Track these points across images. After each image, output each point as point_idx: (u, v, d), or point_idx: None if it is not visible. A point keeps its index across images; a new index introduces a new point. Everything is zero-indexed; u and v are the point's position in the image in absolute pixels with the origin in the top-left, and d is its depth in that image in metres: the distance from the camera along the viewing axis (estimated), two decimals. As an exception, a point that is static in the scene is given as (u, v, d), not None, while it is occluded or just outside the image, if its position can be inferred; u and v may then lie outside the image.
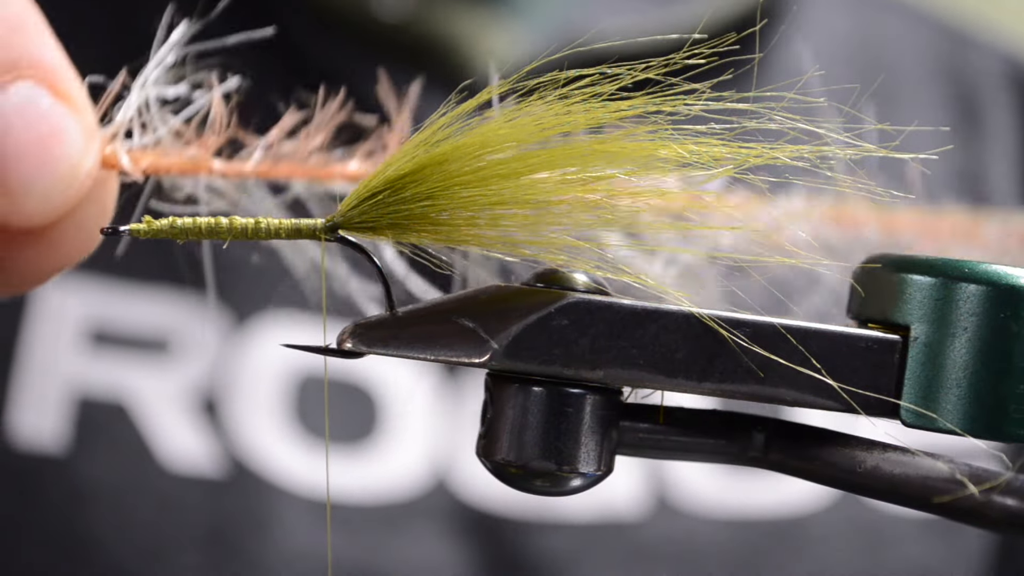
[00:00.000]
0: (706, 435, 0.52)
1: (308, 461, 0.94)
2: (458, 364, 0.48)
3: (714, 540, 0.98)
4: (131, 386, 0.94)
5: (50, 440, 0.93)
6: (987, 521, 0.47)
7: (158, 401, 0.94)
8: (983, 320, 0.48)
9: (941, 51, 1.16)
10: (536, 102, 0.49)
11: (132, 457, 0.93)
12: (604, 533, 0.97)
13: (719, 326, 0.48)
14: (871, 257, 0.51)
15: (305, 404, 0.96)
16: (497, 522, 0.96)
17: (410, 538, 0.95)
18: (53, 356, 0.94)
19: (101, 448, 0.93)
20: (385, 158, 0.53)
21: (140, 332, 0.95)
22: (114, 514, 0.92)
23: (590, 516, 0.97)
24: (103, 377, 0.94)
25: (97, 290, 0.95)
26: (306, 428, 0.95)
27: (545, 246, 0.50)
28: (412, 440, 0.96)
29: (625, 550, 0.97)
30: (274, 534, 0.92)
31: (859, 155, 0.49)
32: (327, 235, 0.51)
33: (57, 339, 0.94)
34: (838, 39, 1.13)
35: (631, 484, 0.98)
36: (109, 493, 0.92)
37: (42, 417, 0.93)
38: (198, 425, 0.94)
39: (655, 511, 0.98)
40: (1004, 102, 1.15)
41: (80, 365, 0.94)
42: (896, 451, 0.49)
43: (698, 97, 0.49)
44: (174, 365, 0.95)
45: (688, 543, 0.98)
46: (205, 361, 0.95)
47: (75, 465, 0.92)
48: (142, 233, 0.51)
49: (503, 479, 0.50)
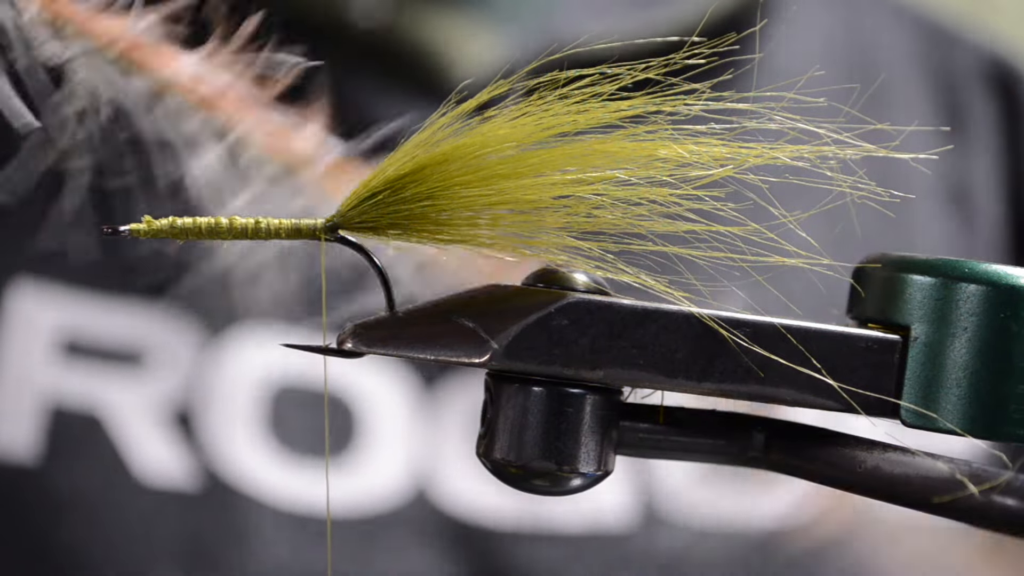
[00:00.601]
0: (706, 435, 0.52)
1: (285, 474, 0.93)
2: (458, 364, 0.48)
3: (703, 552, 0.98)
4: (105, 398, 0.93)
5: (23, 451, 0.92)
6: (987, 521, 0.47)
7: (132, 413, 0.93)
8: (983, 320, 0.48)
9: (926, 49, 1.15)
10: (535, 102, 0.49)
11: (106, 470, 0.92)
12: (591, 544, 0.96)
13: (719, 326, 0.48)
14: (871, 257, 0.51)
15: (280, 416, 0.95)
16: (482, 533, 0.95)
17: (392, 550, 0.94)
18: (27, 366, 0.93)
19: (75, 460, 0.92)
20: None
21: (114, 344, 0.94)
22: (89, 527, 0.91)
23: (577, 527, 0.96)
24: (77, 388, 0.93)
25: (71, 301, 0.94)
26: (282, 440, 0.94)
27: (545, 246, 0.50)
28: (391, 451, 0.96)
29: (612, 561, 0.97)
30: (252, 547, 0.92)
31: (857, 155, 0.49)
32: (327, 235, 0.51)
33: (30, 349, 0.93)
34: (824, 37, 1.13)
35: (619, 494, 0.97)
36: (84, 506, 0.92)
37: (15, 427, 0.92)
38: (172, 438, 0.93)
39: (643, 522, 0.97)
40: (988, 101, 1.15)
41: (53, 376, 0.93)
42: (896, 451, 0.49)
43: (697, 97, 0.49)
44: (148, 377, 0.94)
45: (676, 555, 0.97)
46: (179, 373, 0.94)
47: (49, 477, 0.92)
48: (142, 233, 0.51)
49: (503, 479, 0.50)
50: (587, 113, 0.49)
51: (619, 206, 0.49)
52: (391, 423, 0.96)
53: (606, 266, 0.49)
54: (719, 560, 0.98)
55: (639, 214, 0.49)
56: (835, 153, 0.49)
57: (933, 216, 1.09)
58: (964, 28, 1.19)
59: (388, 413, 0.96)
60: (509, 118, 0.49)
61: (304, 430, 0.95)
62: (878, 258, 0.51)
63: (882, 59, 1.13)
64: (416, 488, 0.95)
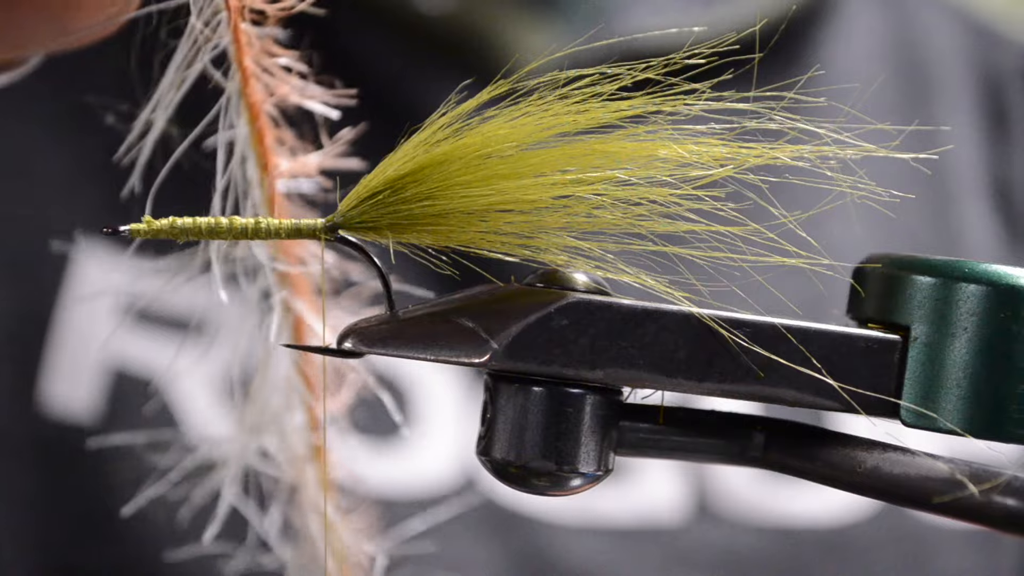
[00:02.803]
0: (706, 435, 0.52)
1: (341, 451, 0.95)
2: (458, 364, 0.48)
3: (755, 548, 0.97)
4: (165, 364, 0.94)
5: (82, 410, 0.93)
6: (987, 521, 0.47)
7: (190, 382, 0.94)
8: (983, 320, 0.48)
9: (973, 47, 1.16)
10: (536, 102, 0.49)
11: (161, 435, 0.93)
12: (643, 538, 0.96)
13: (719, 326, 0.48)
14: (871, 257, 0.51)
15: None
16: (529, 523, 0.95)
17: (438, 535, 0.95)
18: (91, 327, 0.94)
19: (132, 423, 0.93)
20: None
21: (178, 312, 0.95)
22: (141, 490, 0.93)
23: (629, 521, 0.97)
24: (138, 353, 0.94)
25: (138, 265, 0.95)
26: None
27: (545, 246, 0.50)
28: (442, 437, 0.96)
29: (663, 556, 0.97)
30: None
31: (857, 155, 0.49)
32: (327, 235, 0.51)
33: (96, 310, 0.94)
34: (878, 35, 1.13)
35: (672, 489, 0.97)
36: (137, 469, 0.92)
37: (76, 386, 0.94)
38: (228, 407, 0.94)
39: (695, 517, 0.97)
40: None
41: (116, 339, 0.94)
42: (896, 451, 0.49)
43: (698, 97, 0.49)
44: (209, 347, 0.95)
45: (728, 551, 0.97)
46: (239, 344, 0.95)
47: (105, 438, 0.93)
48: (142, 233, 0.51)
49: (503, 478, 0.50)
50: (588, 113, 0.49)
51: (619, 206, 0.49)
52: (443, 409, 0.97)
53: (606, 266, 0.49)
54: (772, 557, 0.98)
55: (639, 214, 0.49)
56: (837, 153, 0.49)
57: (978, 215, 1.10)
58: (1010, 28, 1.20)
59: (441, 399, 0.96)
60: (509, 118, 0.49)
61: (359, 407, 0.96)
62: (878, 258, 0.51)
63: (931, 57, 1.14)
64: (465, 475, 0.96)
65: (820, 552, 0.98)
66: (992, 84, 1.14)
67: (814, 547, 0.98)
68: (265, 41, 0.52)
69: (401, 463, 0.96)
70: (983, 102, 1.14)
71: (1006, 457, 0.48)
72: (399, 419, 0.95)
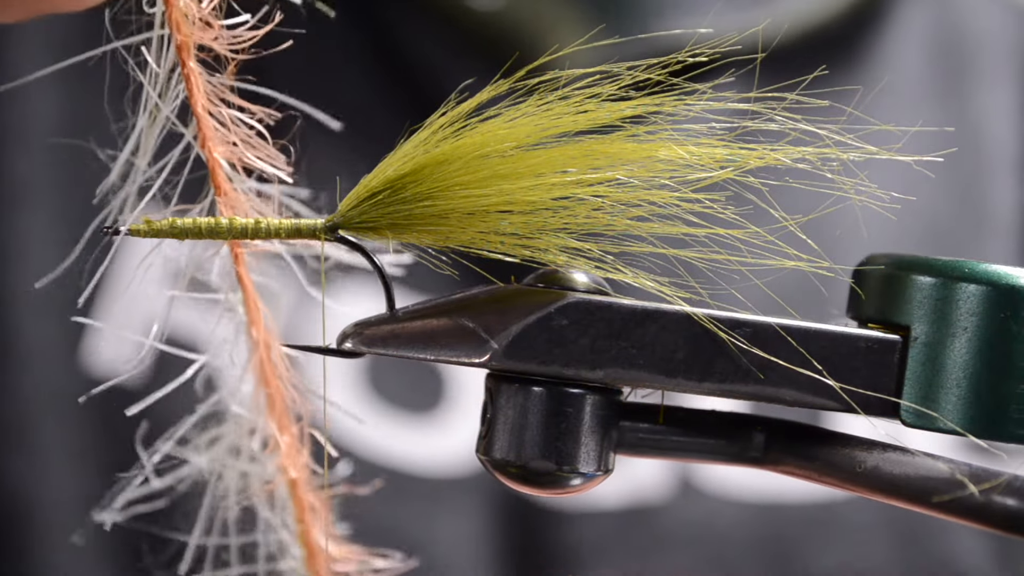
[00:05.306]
0: (706, 435, 0.52)
1: (379, 427, 0.96)
2: (458, 364, 0.48)
3: (740, 524, 0.98)
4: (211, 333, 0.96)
5: (128, 372, 0.95)
6: (987, 521, 0.47)
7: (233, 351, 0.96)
8: (983, 320, 0.48)
9: (1016, 34, 1.17)
10: (537, 102, 0.49)
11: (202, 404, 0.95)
12: (632, 519, 0.98)
13: (718, 327, 0.48)
14: (871, 257, 0.51)
15: (378, 371, 0.97)
16: (534, 509, 0.96)
17: (454, 513, 0.96)
18: (140, 291, 0.96)
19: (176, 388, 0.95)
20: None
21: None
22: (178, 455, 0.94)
23: (620, 502, 0.98)
24: (185, 320, 0.95)
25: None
26: (378, 394, 0.96)
27: (545, 246, 0.50)
28: (472, 419, 0.98)
29: (651, 534, 0.98)
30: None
31: (860, 157, 0.49)
32: (327, 235, 0.51)
33: (146, 275, 0.96)
34: (928, 32, 1.14)
35: (657, 467, 0.99)
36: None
37: (123, 348, 0.95)
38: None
39: (680, 494, 0.98)
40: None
41: (165, 304, 0.96)
42: (896, 451, 0.49)
43: (698, 97, 0.49)
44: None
45: (713, 526, 0.98)
46: (284, 318, 0.97)
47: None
48: (141, 233, 0.51)
49: (503, 478, 0.50)
50: (590, 113, 0.49)
51: (619, 207, 0.49)
52: (475, 391, 0.97)
53: (606, 267, 0.49)
54: (757, 533, 0.99)
55: (639, 215, 0.49)
56: (854, 152, 0.49)
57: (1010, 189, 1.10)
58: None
59: (474, 381, 0.97)
60: (509, 118, 0.49)
61: (401, 384, 0.97)
62: (878, 258, 0.51)
63: (975, 44, 1.14)
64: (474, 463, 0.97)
65: (807, 529, 0.99)
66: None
67: (801, 524, 0.99)
68: (219, 88, 0.52)
69: (430, 439, 0.97)
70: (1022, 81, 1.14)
71: (1006, 457, 0.48)
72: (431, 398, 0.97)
